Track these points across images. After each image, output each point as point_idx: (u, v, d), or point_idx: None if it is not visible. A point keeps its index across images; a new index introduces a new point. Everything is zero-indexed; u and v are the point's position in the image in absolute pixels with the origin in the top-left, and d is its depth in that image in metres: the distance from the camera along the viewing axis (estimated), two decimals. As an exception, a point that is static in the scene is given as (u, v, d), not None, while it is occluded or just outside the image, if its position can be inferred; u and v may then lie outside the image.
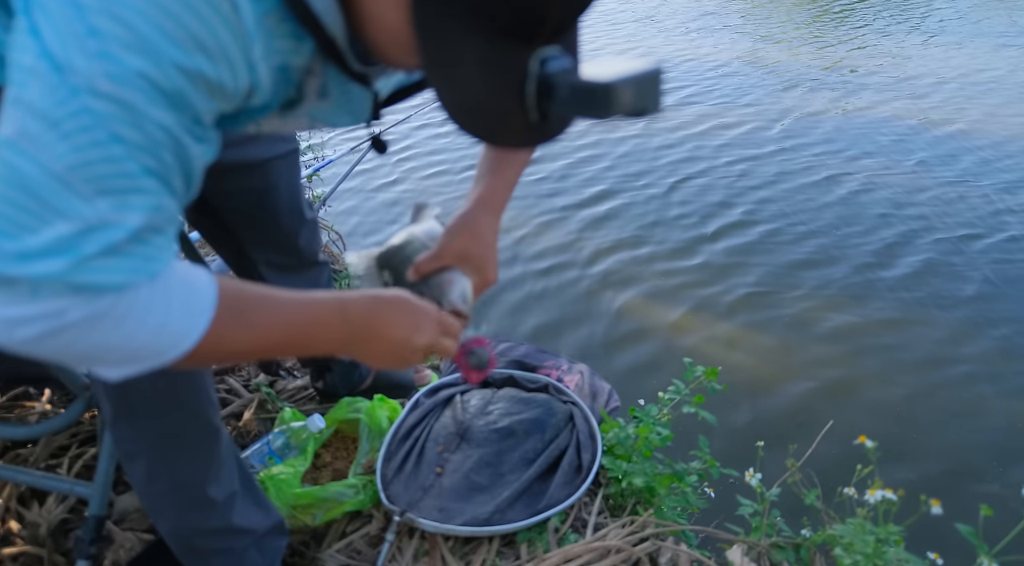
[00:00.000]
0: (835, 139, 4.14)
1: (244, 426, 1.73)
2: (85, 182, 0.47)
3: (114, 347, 0.54)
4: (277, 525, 1.25)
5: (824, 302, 2.68)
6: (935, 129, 4.19)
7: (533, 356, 1.93)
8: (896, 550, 1.15)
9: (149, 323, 0.54)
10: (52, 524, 1.46)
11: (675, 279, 2.86)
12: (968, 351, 2.37)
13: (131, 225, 0.50)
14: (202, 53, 0.49)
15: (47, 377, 1.32)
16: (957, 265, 2.82)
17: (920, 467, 1.92)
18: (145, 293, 0.53)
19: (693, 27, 7.53)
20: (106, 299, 0.50)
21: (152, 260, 0.53)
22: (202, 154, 0.56)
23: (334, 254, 2.90)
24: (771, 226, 3.22)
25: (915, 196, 3.36)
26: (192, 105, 0.51)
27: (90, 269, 0.48)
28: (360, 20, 0.57)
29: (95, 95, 0.46)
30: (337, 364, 1.70)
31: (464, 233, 0.91)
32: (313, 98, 0.67)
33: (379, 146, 0.83)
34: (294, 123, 0.72)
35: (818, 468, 1.54)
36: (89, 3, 0.45)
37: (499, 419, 1.56)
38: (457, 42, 0.51)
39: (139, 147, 0.49)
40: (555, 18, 0.50)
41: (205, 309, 0.57)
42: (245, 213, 1.33)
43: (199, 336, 0.57)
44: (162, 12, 0.46)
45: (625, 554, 1.31)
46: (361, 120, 0.75)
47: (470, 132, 0.57)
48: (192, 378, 1.04)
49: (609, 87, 0.51)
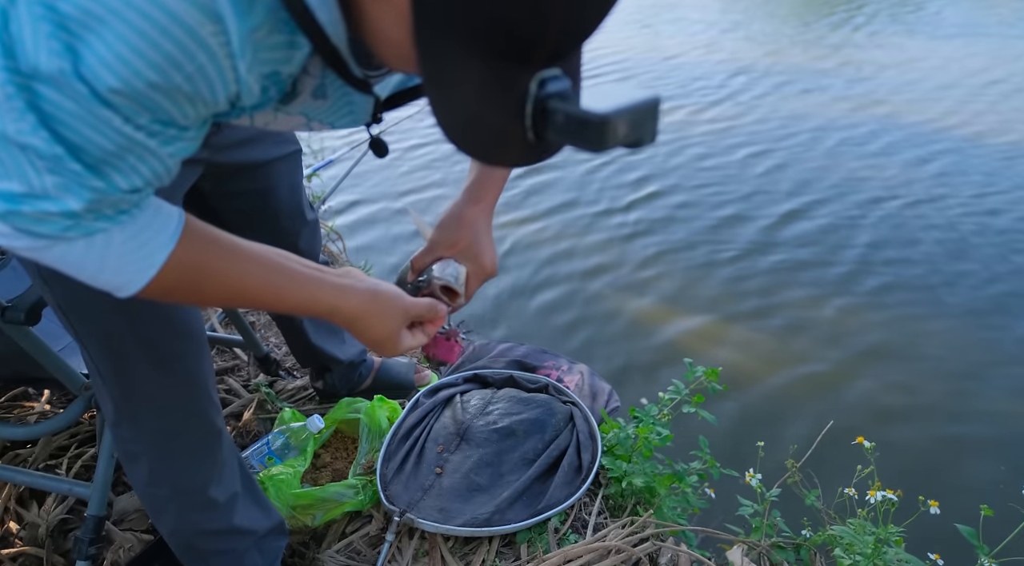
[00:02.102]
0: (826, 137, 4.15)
1: (244, 426, 1.73)
2: (38, 158, 0.51)
3: (65, 272, 0.61)
4: (277, 526, 1.25)
5: (827, 303, 2.68)
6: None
7: (533, 356, 1.93)
8: (896, 550, 1.15)
9: (83, 272, 0.61)
10: (51, 524, 1.45)
11: (676, 279, 2.86)
12: (970, 352, 2.37)
13: (69, 207, 0.54)
14: (179, 72, 0.50)
15: (46, 377, 1.32)
16: (961, 268, 2.82)
17: (920, 466, 1.92)
18: (80, 245, 0.58)
19: (692, 27, 7.53)
20: (41, 242, 0.57)
21: (88, 225, 0.57)
22: (177, 152, 0.58)
23: (334, 254, 2.90)
24: (771, 226, 3.22)
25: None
26: (165, 111, 0.53)
27: (22, 219, 0.54)
28: (363, 30, 0.57)
29: (58, 93, 0.49)
30: (337, 364, 1.69)
31: (453, 225, 0.94)
32: (308, 97, 0.67)
33: (379, 149, 0.83)
34: (289, 122, 0.72)
35: (818, 468, 1.54)
36: (68, 15, 0.46)
37: (499, 419, 1.56)
38: (456, 63, 0.51)
39: (93, 147, 0.52)
40: (553, 43, 0.49)
41: (147, 268, 0.63)
42: (246, 214, 1.33)
43: (136, 289, 0.63)
44: (139, 36, 0.47)
45: (625, 554, 1.31)
46: (361, 122, 0.75)
47: (465, 150, 0.57)
48: (193, 380, 1.03)
49: (604, 120, 0.50)
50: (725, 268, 2.92)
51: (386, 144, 0.83)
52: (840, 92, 5.00)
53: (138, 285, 0.63)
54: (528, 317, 2.63)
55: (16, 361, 1.25)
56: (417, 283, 0.95)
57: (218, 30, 0.49)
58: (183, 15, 0.47)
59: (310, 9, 0.52)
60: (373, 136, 0.82)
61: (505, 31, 0.48)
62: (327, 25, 0.54)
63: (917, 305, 2.64)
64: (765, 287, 2.79)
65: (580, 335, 2.52)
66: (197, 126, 0.57)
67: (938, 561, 1.18)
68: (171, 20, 0.47)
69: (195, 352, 1.03)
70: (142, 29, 0.47)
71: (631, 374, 2.28)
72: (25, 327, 1.12)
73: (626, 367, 2.33)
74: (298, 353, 1.69)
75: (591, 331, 2.55)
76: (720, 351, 2.42)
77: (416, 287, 0.95)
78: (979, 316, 2.53)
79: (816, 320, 2.59)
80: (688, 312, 2.66)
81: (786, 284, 2.80)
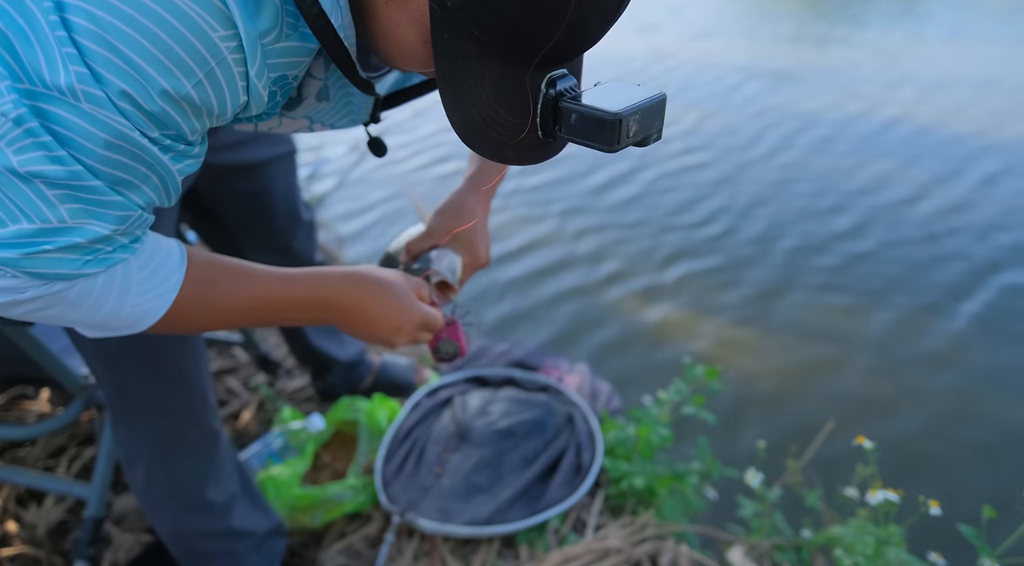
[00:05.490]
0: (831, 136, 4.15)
1: (243, 427, 1.73)
2: (50, 188, 0.49)
3: (74, 321, 0.59)
4: (276, 527, 1.25)
5: (828, 303, 2.68)
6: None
7: (533, 357, 1.92)
8: (897, 551, 1.15)
9: (103, 309, 0.58)
10: (50, 525, 1.45)
11: (676, 278, 2.86)
12: (972, 353, 2.37)
13: (92, 233, 0.52)
14: (190, 80, 0.49)
15: (45, 378, 1.32)
16: (964, 271, 2.82)
17: (920, 466, 1.92)
18: (101, 281, 0.57)
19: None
20: (58, 285, 0.54)
21: (107, 257, 0.55)
22: (184, 169, 0.57)
23: (332, 254, 2.90)
24: (772, 227, 3.22)
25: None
26: (176, 125, 0.52)
27: (41, 261, 0.51)
28: (374, 32, 0.58)
29: (72, 111, 0.47)
30: (337, 364, 1.69)
31: (452, 213, 0.95)
32: (312, 100, 0.67)
33: (377, 148, 0.83)
34: (293, 125, 0.72)
35: (819, 468, 1.54)
36: (79, 25, 0.46)
37: (499, 420, 1.55)
38: (473, 64, 0.52)
39: (110, 163, 0.50)
40: (565, 46, 0.51)
41: (166, 292, 0.62)
42: (241, 214, 1.33)
43: (156, 319, 0.62)
44: (152, 42, 0.47)
45: (625, 555, 1.31)
46: (359, 122, 0.76)
47: (476, 148, 0.58)
48: (190, 382, 1.03)
49: (617, 119, 0.52)
50: (726, 267, 2.92)
51: (385, 144, 0.83)
52: (853, 88, 5.00)
53: (158, 314, 0.62)
54: (528, 317, 2.63)
55: (15, 361, 1.25)
56: (412, 268, 0.94)
57: (229, 35, 0.49)
58: (194, 18, 0.47)
59: (325, 13, 0.53)
60: (372, 136, 0.82)
61: (524, 35, 0.50)
62: (340, 28, 0.55)
63: (917, 305, 2.64)
64: (766, 287, 2.79)
65: (580, 335, 2.52)
66: (200, 142, 0.58)
67: (939, 561, 1.17)
68: (182, 23, 0.47)
69: (192, 355, 1.02)
70: (153, 33, 0.47)
71: (631, 374, 2.28)
72: (24, 327, 1.12)
73: (626, 367, 2.32)
74: (298, 353, 1.69)
75: (591, 331, 2.54)
76: (721, 351, 2.42)
77: (411, 271, 0.93)
78: (990, 320, 2.53)
79: (817, 320, 2.58)
80: (688, 312, 2.66)
81: (787, 284, 2.80)
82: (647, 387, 1.79)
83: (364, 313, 0.78)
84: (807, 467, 1.52)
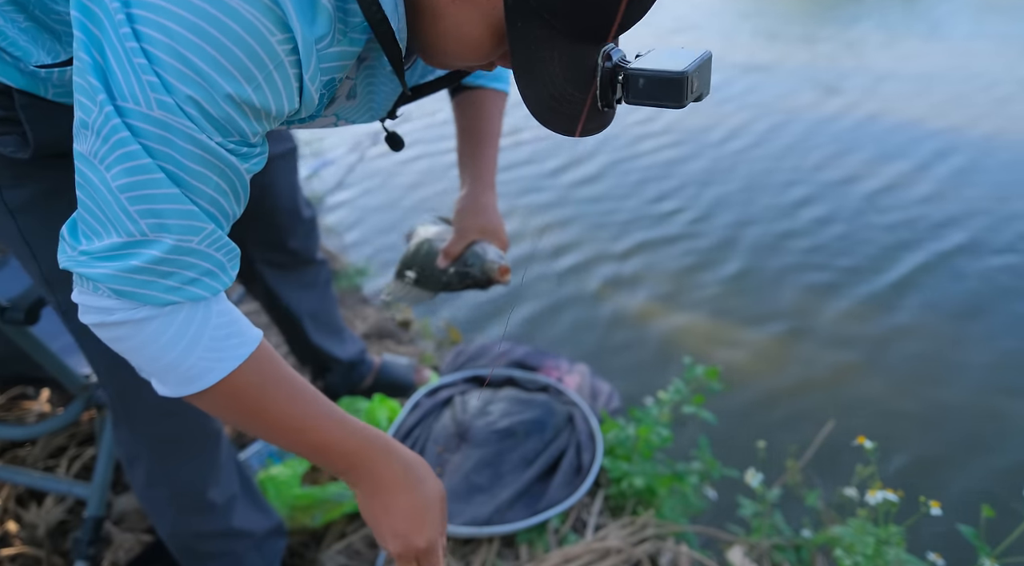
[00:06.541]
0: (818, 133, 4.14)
1: (243, 426, 1.72)
2: (131, 200, 0.52)
3: (145, 359, 0.60)
4: (276, 527, 1.25)
5: (827, 303, 2.68)
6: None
7: (533, 357, 1.92)
8: (897, 551, 1.15)
9: (172, 351, 0.58)
10: (50, 525, 1.45)
11: (675, 278, 2.86)
12: (973, 354, 2.37)
13: (170, 246, 0.54)
14: (251, 83, 0.52)
15: (45, 378, 1.32)
16: (967, 274, 2.82)
17: (920, 466, 1.92)
18: (180, 319, 0.58)
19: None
20: (144, 310, 0.56)
21: (190, 287, 0.57)
22: (251, 169, 0.60)
23: (333, 253, 2.90)
24: (773, 227, 3.22)
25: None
26: (240, 129, 0.54)
27: (131, 281, 0.55)
28: (432, 33, 0.61)
29: (145, 120, 0.50)
30: (337, 363, 1.69)
31: (475, 211, 1.04)
32: (343, 99, 0.70)
33: (395, 143, 0.86)
34: (322, 122, 0.74)
35: (819, 468, 1.54)
36: (149, 36, 0.48)
37: (499, 420, 1.55)
38: (544, 47, 0.57)
39: (183, 170, 0.53)
40: (621, 23, 0.56)
41: (231, 358, 0.61)
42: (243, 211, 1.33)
43: (211, 382, 0.60)
44: (216, 47, 0.49)
45: (625, 555, 1.31)
46: (377, 117, 0.78)
47: (550, 125, 0.62)
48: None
49: (684, 76, 0.57)
50: (726, 268, 2.91)
51: (402, 138, 0.87)
52: (853, 89, 5.00)
53: (216, 376, 0.60)
54: (528, 318, 2.63)
55: (15, 361, 1.25)
56: (463, 270, 1.02)
57: (285, 38, 0.52)
58: (254, 22, 0.49)
59: (388, 19, 0.56)
60: (389, 131, 0.85)
61: (589, 14, 0.55)
62: (397, 32, 0.58)
63: (921, 303, 2.64)
64: (766, 286, 2.79)
65: (580, 335, 2.52)
66: (261, 144, 0.60)
67: (938, 561, 1.17)
68: (243, 27, 0.49)
69: None
70: (215, 38, 0.49)
71: (631, 374, 2.28)
72: (24, 327, 1.12)
73: (626, 367, 2.32)
74: (298, 352, 1.69)
75: (591, 331, 2.54)
76: (720, 351, 2.41)
77: (462, 275, 1.02)
78: (992, 323, 2.53)
79: (818, 320, 2.58)
80: (688, 312, 2.66)
81: (787, 284, 2.80)
82: (647, 387, 1.79)
83: (392, 493, 0.72)
84: (807, 467, 1.52)
